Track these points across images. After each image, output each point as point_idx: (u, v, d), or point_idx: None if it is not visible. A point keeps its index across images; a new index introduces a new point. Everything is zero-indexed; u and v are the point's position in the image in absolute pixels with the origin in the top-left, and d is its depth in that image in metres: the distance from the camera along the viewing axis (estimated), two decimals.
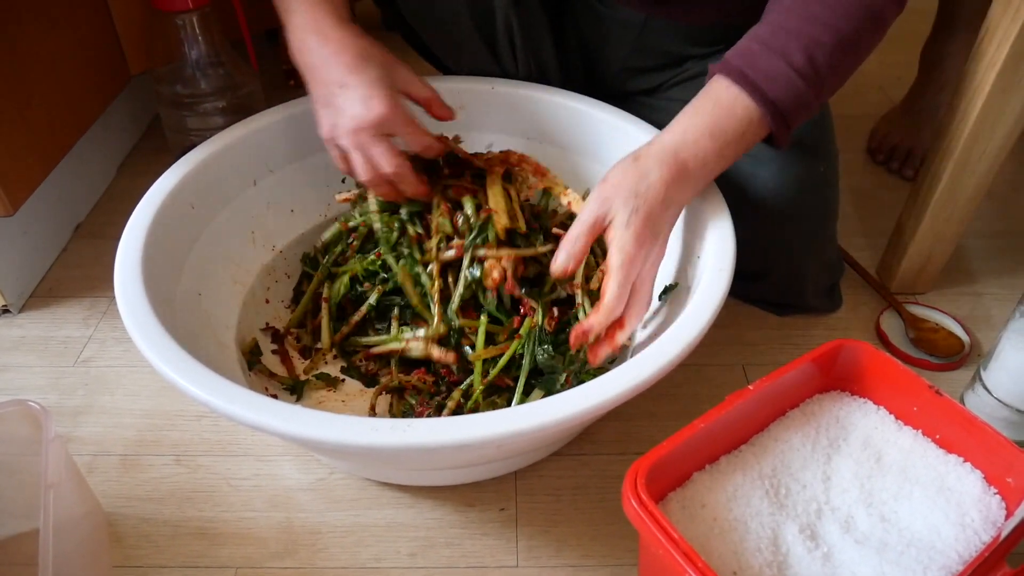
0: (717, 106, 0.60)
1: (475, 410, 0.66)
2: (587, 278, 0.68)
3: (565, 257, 0.60)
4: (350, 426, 0.50)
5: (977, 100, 0.72)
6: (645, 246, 0.58)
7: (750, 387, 0.55)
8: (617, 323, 0.59)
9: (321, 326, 0.74)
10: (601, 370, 0.59)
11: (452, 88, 0.81)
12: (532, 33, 0.79)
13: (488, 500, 0.67)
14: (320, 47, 0.65)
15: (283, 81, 1.20)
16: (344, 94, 0.64)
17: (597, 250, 0.72)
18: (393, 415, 0.70)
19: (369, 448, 0.50)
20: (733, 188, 0.69)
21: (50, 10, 0.86)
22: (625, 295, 0.58)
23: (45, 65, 0.85)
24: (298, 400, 0.71)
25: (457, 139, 0.75)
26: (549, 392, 0.64)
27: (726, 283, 0.60)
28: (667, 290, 0.70)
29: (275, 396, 0.70)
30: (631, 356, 0.59)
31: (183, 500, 0.67)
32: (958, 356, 0.80)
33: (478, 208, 0.70)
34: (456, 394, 0.67)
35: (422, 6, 0.77)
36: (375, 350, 0.73)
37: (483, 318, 0.69)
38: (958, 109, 0.74)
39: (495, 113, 0.82)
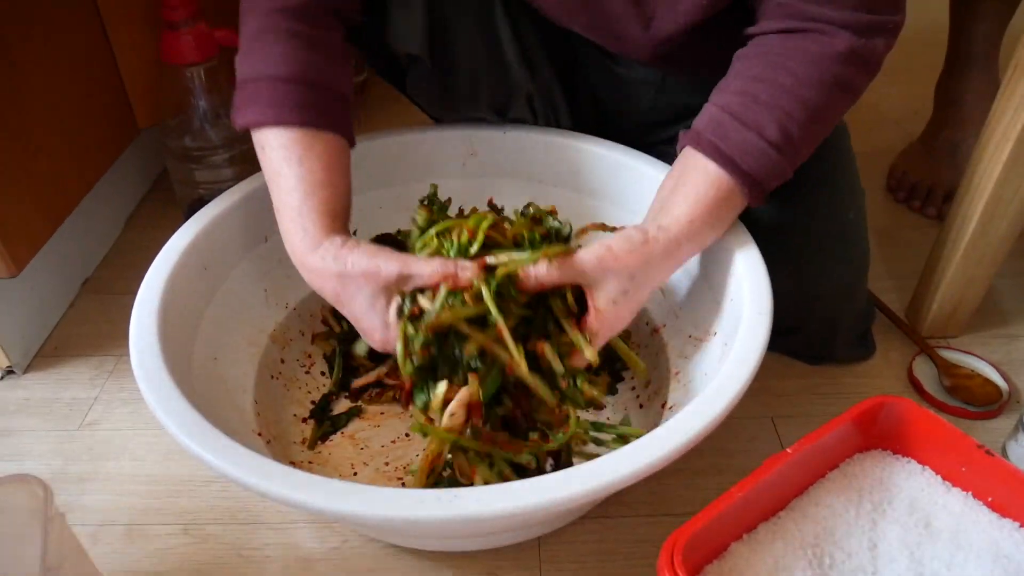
0: (718, 194, 0.61)
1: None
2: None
3: (536, 276, 0.57)
4: (395, 500, 0.48)
5: (1007, 141, 0.69)
6: (622, 320, 0.62)
7: (788, 450, 0.52)
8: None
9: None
10: None
11: (462, 135, 0.80)
12: (550, 99, 0.78)
13: (510, 568, 0.63)
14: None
15: None
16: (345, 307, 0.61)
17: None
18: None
19: (416, 522, 0.47)
20: (761, 244, 0.66)
21: (57, 63, 0.85)
22: (595, 355, 0.61)
23: (52, 119, 0.84)
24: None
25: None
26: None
27: (767, 328, 0.58)
28: None
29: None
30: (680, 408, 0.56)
31: (191, 573, 0.64)
32: (996, 404, 0.76)
33: None
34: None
35: (440, 92, 0.76)
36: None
37: None
38: (987, 149, 0.72)
39: (506, 158, 0.81)
